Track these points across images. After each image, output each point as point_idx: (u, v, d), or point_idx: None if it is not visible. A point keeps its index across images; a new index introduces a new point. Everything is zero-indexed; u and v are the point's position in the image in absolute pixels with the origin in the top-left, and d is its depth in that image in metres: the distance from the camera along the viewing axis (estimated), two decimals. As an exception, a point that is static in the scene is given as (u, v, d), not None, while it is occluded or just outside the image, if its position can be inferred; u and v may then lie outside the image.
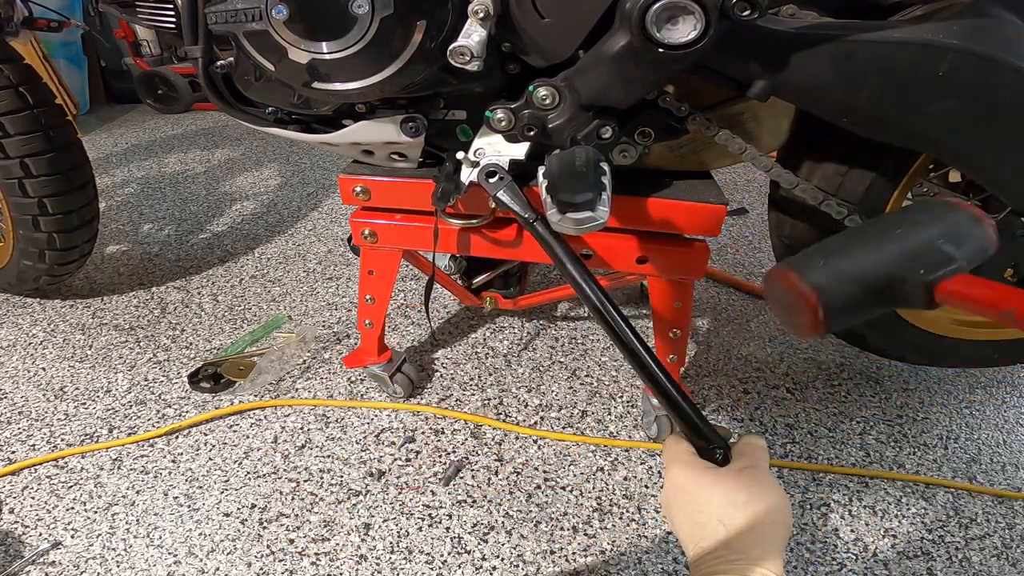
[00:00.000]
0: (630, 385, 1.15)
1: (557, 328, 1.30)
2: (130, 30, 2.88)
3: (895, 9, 0.70)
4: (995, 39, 0.61)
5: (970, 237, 0.41)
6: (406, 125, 0.79)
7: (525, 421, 1.07)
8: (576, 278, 0.64)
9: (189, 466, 0.99)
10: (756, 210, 1.87)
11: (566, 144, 0.73)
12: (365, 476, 0.97)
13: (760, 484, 0.47)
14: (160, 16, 0.86)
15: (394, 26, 0.64)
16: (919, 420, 1.07)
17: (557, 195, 0.66)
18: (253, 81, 0.81)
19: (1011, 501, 0.93)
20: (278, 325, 1.33)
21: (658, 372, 0.57)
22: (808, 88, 0.66)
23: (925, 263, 0.40)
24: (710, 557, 0.44)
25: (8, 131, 1.09)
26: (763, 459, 0.50)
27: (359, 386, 1.14)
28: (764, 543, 0.44)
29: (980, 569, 0.84)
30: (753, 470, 0.48)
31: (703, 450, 0.53)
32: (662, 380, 0.57)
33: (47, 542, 0.87)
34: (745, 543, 0.44)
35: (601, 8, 0.63)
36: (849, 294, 0.41)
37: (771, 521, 0.45)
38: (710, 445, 0.53)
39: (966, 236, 0.41)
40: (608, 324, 0.61)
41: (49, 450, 1.02)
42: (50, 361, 1.23)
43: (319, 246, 1.67)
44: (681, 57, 0.60)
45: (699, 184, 0.85)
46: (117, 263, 1.59)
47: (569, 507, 0.91)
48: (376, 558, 0.85)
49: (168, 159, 2.34)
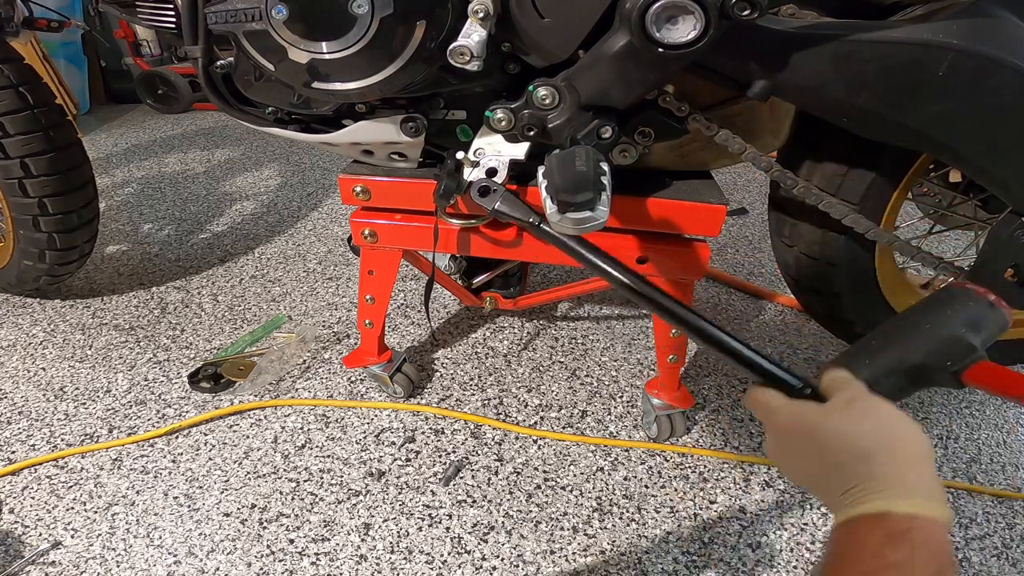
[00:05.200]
0: (630, 385, 1.15)
1: (557, 328, 1.30)
2: (130, 30, 2.88)
3: (895, 9, 0.70)
4: (995, 39, 0.61)
5: (989, 321, 0.49)
6: (406, 125, 0.79)
7: (525, 421, 1.07)
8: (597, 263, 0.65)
9: (189, 466, 0.99)
10: (756, 210, 1.87)
11: (566, 144, 0.73)
12: (365, 476, 0.97)
13: (883, 410, 0.43)
14: (160, 16, 0.86)
15: (394, 26, 0.65)
16: (919, 420, 1.07)
17: (557, 195, 0.66)
18: (253, 81, 0.81)
19: (1011, 501, 0.93)
20: (278, 325, 1.33)
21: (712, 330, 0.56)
22: (808, 88, 0.66)
23: (951, 354, 0.47)
24: (858, 492, 0.39)
25: (8, 131, 1.09)
26: (862, 387, 0.46)
27: (359, 386, 1.14)
28: (916, 468, 0.39)
29: (980, 569, 0.84)
30: (865, 399, 0.44)
31: (792, 394, 0.50)
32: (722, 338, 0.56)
33: (47, 542, 0.87)
34: (897, 470, 0.39)
35: (601, 8, 0.63)
36: (892, 386, 0.47)
37: (913, 444, 0.41)
38: (796, 387, 0.51)
39: (985, 321, 0.48)
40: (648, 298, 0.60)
41: (49, 450, 1.02)
42: (50, 361, 1.23)
43: (319, 246, 1.67)
44: (681, 57, 0.60)
45: (699, 184, 0.85)
46: (117, 263, 1.59)
47: (569, 507, 0.91)
48: (376, 558, 0.85)
49: (168, 159, 2.34)
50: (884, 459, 0.39)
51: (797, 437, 0.45)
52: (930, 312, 0.50)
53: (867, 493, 0.38)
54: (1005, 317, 0.49)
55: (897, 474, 0.39)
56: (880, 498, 0.38)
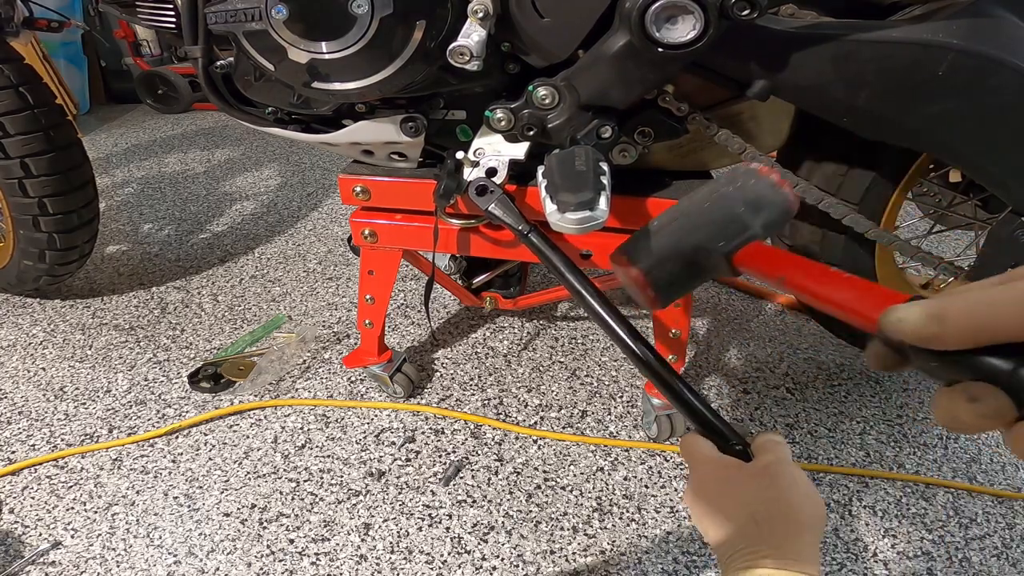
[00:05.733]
0: (630, 385, 1.15)
1: (557, 328, 1.30)
2: (130, 30, 2.88)
3: (894, 9, 0.70)
4: (995, 39, 0.61)
5: (768, 202, 0.44)
6: (406, 125, 0.79)
7: (525, 421, 1.07)
8: (575, 286, 0.64)
9: (189, 466, 0.99)
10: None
11: (566, 144, 0.73)
12: (365, 476, 0.97)
13: (790, 479, 0.45)
14: (160, 16, 0.86)
15: (394, 26, 0.65)
16: (919, 420, 1.07)
17: (557, 194, 0.66)
18: (253, 81, 0.81)
19: (1011, 501, 0.93)
20: (278, 325, 1.33)
21: (666, 373, 0.56)
22: (808, 88, 0.66)
23: (727, 234, 0.43)
24: (741, 554, 0.42)
25: (8, 131, 1.09)
26: (787, 454, 0.47)
27: (359, 386, 1.14)
28: (800, 539, 0.41)
29: (980, 569, 0.84)
30: (780, 464, 0.46)
31: (723, 447, 0.51)
32: (671, 381, 0.55)
33: (47, 542, 0.87)
34: (780, 539, 0.41)
35: (600, 8, 0.63)
36: (669, 272, 0.45)
37: (806, 516, 0.43)
38: (729, 442, 0.51)
39: (765, 201, 0.44)
40: (610, 328, 0.60)
41: (49, 450, 1.02)
42: (50, 361, 1.23)
43: (319, 246, 1.67)
44: (681, 57, 0.60)
45: (699, 184, 0.85)
46: (117, 263, 1.59)
47: (569, 507, 0.91)
48: (376, 558, 0.85)
49: (168, 159, 2.34)
50: (775, 526, 0.42)
51: (711, 490, 0.47)
52: (712, 192, 0.47)
53: (754, 556, 0.41)
54: (787, 198, 0.45)
55: (782, 542, 0.41)
56: (763, 564, 0.40)
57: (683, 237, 0.45)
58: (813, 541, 0.42)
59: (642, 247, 0.46)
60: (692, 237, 0.45)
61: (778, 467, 0.46)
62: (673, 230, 0.46)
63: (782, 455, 0.47)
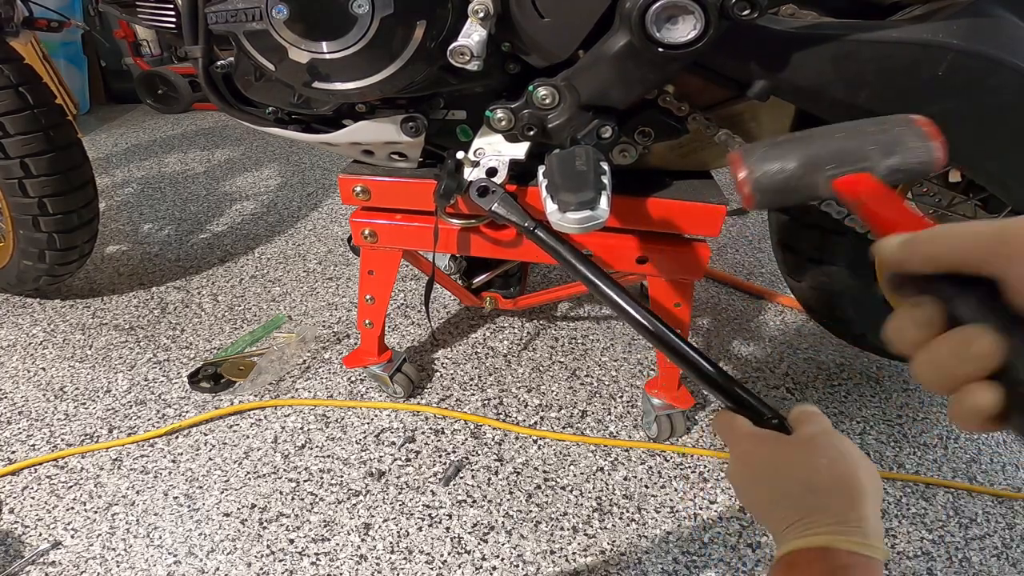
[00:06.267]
0: (630, 385, 1.15)
1: (557, 328, 1.30)
2: (130, 30, 2.88)
3: (894, 9, 0.70)
4: (995, 39, 0.61)
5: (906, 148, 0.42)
6: (406, 125, 0.79)
7: (525, 421, 1.07)
8: (588, 276, 0.65)
9: (189, 466, 0.99)
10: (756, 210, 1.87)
11: (566, 144, 0.73)
12: (365, 476, 0.97)
13: (843, 447, 0.43)
14: (160, 16, 0.86)
15: (394, 26, 0.65)
16: (919, 420, 1.07)
17: (557, 194, 0.66)
18: (253, 81, 0.81)
19: (1011, 501, 0.93)
20: (278, 325, 1.33)
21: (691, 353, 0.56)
22: (808, 88, 0.66)
23: (841, 159, 0.42)
24: (801, 524, 0.40)
25: (8, 131, 1.09)
26: (829, 424, 0.46)
27: (359, 386, 1.14)
28: (864, 507, 0.40)
29: (980, 569, 0.84)
30: (828, 435, 0.45)
31: (758, 422, 0.50)
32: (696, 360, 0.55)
33: (47, 542, 0.87)
34: (841, 508, 0.40)
35: (601, 8, 0.63)
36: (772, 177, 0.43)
37: (866, 484, 0.41)
38: (764, 416, 0.50)
39: (902, 147, 0.42)
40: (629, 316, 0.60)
41: (49, 450, 1.02)
42: (50, 361, 1.23)
43: (319, 246, 1.67)
44: (681, 57, 0.60)
45: (699, 184, 0.85)
46: (117, 263, 1.59)
47: (569, 507, 0.91)
48: (376, 558, 0.85)
49: (168, 159, 2.34)
50: (833, 495, 0.41)
51: (756, 465, 0.46)
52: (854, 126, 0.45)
53: (812, 527, 0.39)
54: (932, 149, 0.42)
55: (843, 511, 0.40)
56: (824, 533, 0.39)
57: (801, 149, 0.43)
58: (875, 511, 0.40)
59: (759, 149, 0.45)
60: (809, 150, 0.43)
61: (826, 437, 0.45)
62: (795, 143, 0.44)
63: (826, 425, 0.46)
